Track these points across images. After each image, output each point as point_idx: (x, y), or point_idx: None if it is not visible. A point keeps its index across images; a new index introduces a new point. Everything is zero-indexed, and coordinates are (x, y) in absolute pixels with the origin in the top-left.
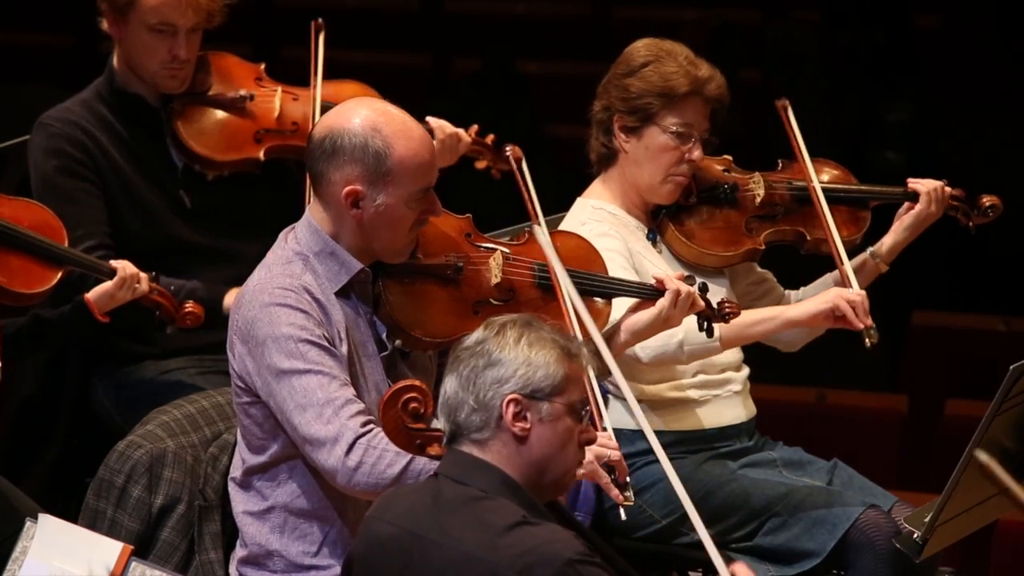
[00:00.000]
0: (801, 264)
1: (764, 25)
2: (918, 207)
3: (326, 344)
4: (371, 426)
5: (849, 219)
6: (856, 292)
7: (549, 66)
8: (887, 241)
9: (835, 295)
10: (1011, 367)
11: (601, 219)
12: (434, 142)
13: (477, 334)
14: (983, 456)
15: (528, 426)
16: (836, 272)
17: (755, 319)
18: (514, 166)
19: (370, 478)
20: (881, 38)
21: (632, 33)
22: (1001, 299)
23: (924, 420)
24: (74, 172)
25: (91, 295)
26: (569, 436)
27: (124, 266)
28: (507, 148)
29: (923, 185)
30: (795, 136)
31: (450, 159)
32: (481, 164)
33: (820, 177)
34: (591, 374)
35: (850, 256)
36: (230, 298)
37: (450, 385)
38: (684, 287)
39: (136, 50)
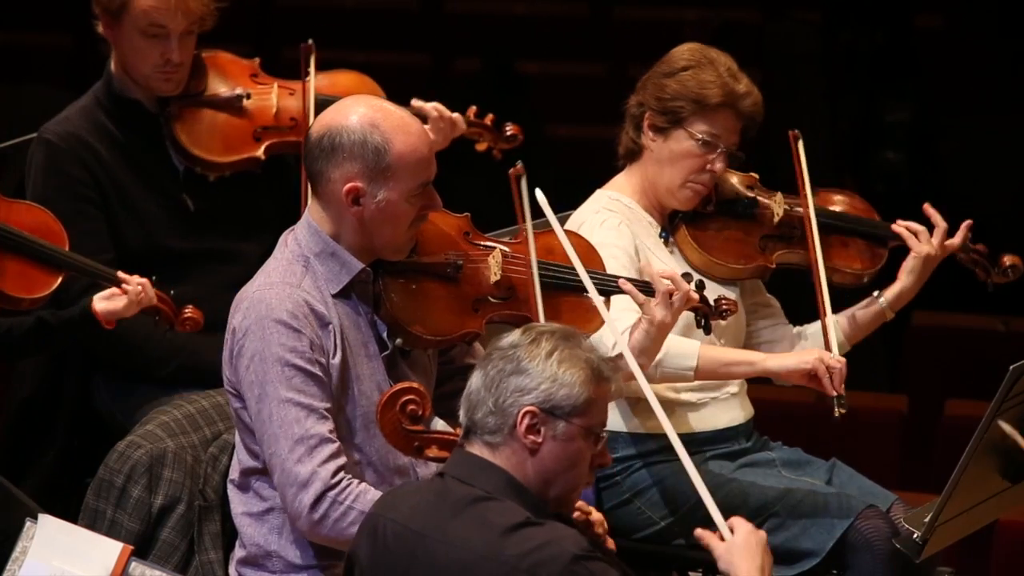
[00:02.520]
0: (811, 292)
1: (764, 25)
2: (911, 254)
3: (315, 370)
4: (341, 475)
5: (864, 253)
6: (838, 359)
7: (549, 66)
8: (894, 288)
9: (816, 358)
10: (1011, 367)
11: (615, 210)
12: (426, 127)
13: (513, 337)
14: (1006, 426)
15: (540, 440)
16: (840, 315)
17: (733, 359)
18: (513, 184)
19: (331, 532)
20: (881, 38)
21: (632, 33)
22: (1001, 299)
23: (924, 420)
24: (74, 193)
25: (100, 309)
26: (579, 457)
27: (136, 284)
28: (508, 128)
29: (907, 231)
30: (801, 170)
31: (442, 143)
32: (482, 146)
33: (832, 209)
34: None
35: (861, 296)
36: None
37: (475, 381)
38: (663, 285)
39: (129, 53)
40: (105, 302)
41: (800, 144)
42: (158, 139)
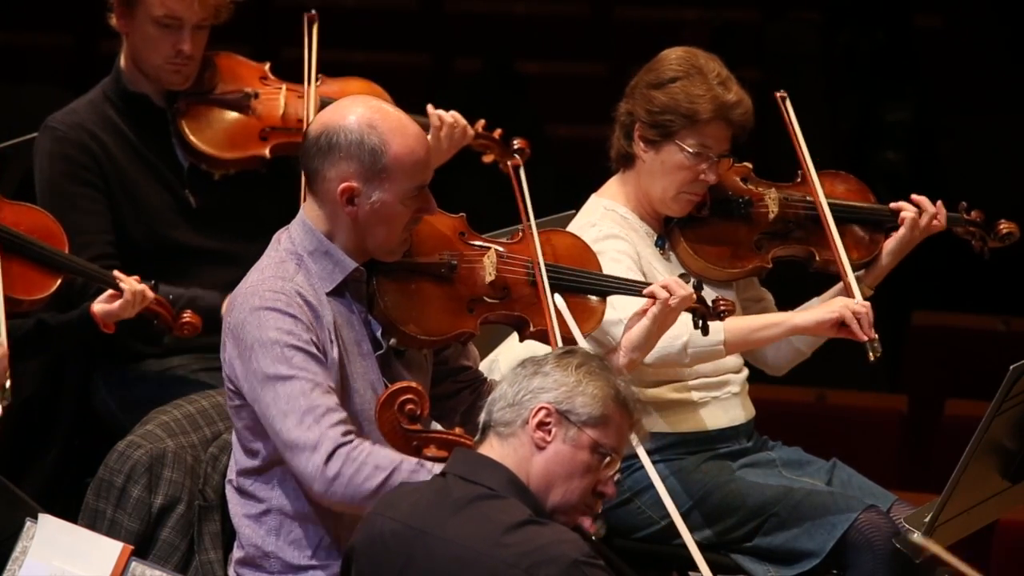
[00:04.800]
0: (806, 279)
1: (764, 25)
2: (899, 233)
3: (313, 350)
4: (351, 436)
5: (861, 241)
6: (862, 304)
7: (549, 66)
8: (874, 268)
9: (841, 305)
10: (1011, 367)
11: (612, 221)
12: (440, 132)
13: (548, 352)
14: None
15: (549, 439)
16: (824, 295)
17: (761, 324)
18: (512, 173)
19: (347, 489)
20: (881, 38)
21: (632, 33)
22: (1001, 299)
23: (924, 420)
24: (79, 178)
25: (98, 311)
26: (583, 470)
27: (132, 285)
28: (515, 142)
29: (908, 211)
30: (795, 132)
31: (450, 151)
32: (488, 158)
33: (835, 190)
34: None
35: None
36: (227, 304)
37: (503, 384)
38: (671, 291)
39: (141, 44)
40: (103, 304)
41: (788, 104)
42: (164, 134)
